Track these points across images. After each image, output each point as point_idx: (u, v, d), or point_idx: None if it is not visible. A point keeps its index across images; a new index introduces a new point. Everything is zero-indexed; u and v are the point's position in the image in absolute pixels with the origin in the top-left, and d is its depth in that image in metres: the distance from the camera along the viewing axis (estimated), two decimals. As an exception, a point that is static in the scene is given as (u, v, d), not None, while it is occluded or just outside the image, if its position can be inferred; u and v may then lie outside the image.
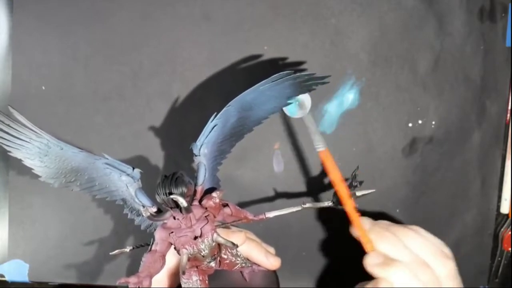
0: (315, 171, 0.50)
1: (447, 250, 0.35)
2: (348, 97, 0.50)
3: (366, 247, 0.34)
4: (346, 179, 0.36)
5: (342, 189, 0.34)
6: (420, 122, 0.50)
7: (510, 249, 0.52)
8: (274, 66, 0.49)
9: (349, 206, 0.34)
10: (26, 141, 0.34)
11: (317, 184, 0.50)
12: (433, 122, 0.50)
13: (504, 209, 0.52)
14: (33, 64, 0.49)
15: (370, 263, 0.33)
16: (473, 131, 0.51)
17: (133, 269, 0.51)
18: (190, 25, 0.49)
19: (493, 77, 0.51)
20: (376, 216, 0.51)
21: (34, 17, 0.49)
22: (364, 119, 0.50)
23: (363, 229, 0.34)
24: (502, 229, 0.52)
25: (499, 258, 0.52)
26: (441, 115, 0.50)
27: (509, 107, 0.51)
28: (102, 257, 0.50)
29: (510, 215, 0.52)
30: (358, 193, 0.37)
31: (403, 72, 0.50)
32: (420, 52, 0.50)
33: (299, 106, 0.49)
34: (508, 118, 0.51)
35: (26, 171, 0.50)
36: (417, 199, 0.51)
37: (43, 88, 0.49)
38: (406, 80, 0.50)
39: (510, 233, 0.52)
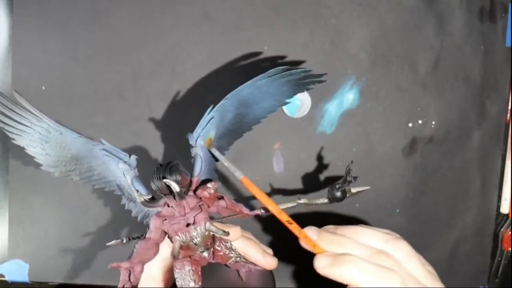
0: (315, 171, 0.50)
1: (395, 234, 0.33)
2: (348, 97, 0.49)
3: (315, 251, 0.32)
4: (341, 176, 0.35)
5: (273, 207, 0.34)
6: (420, 122, 0.50)
7: (510, 249, 0.52)
8: (274, 66, 0.49)
9: (284, 220, 0.33)
10: (28, 126, 0.35)
11: (317, 185, 0.50)
12: (433, 122, 0.50)
13: (504, 209, 0.52)
14: (33, 64, 0.49)
15: (320, 266, 0.31)
16: (473, 131, 0.51)
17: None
18: (190, 25, 0.49)
19: (493, 77, 0.51)
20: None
21: (34, 17, 0.49)
22: (364, 119, 0.50)
23: (306, 236, 0.32)
24: (502, 229, 0.52)
25: (499, 258, 0.52)
26: (441, 115, 0.50)
27: (509, 107, 0.51)
28: (102, 257, 0.50)
29: (510, 215, 0.52)
30: (353, 190, 0.35)
31: (403, 72, 0.50)
32: (420, 52, 0.50)
33: (299, 106, 0.49)
34: (508, 118, 0.51)
35: (26, 171, 0.50)
36: (417, 199, 0.51)
37: (43, 88, 0.49)
38: (406, 80, 0.50)
39: (510, 233, 0.52)
